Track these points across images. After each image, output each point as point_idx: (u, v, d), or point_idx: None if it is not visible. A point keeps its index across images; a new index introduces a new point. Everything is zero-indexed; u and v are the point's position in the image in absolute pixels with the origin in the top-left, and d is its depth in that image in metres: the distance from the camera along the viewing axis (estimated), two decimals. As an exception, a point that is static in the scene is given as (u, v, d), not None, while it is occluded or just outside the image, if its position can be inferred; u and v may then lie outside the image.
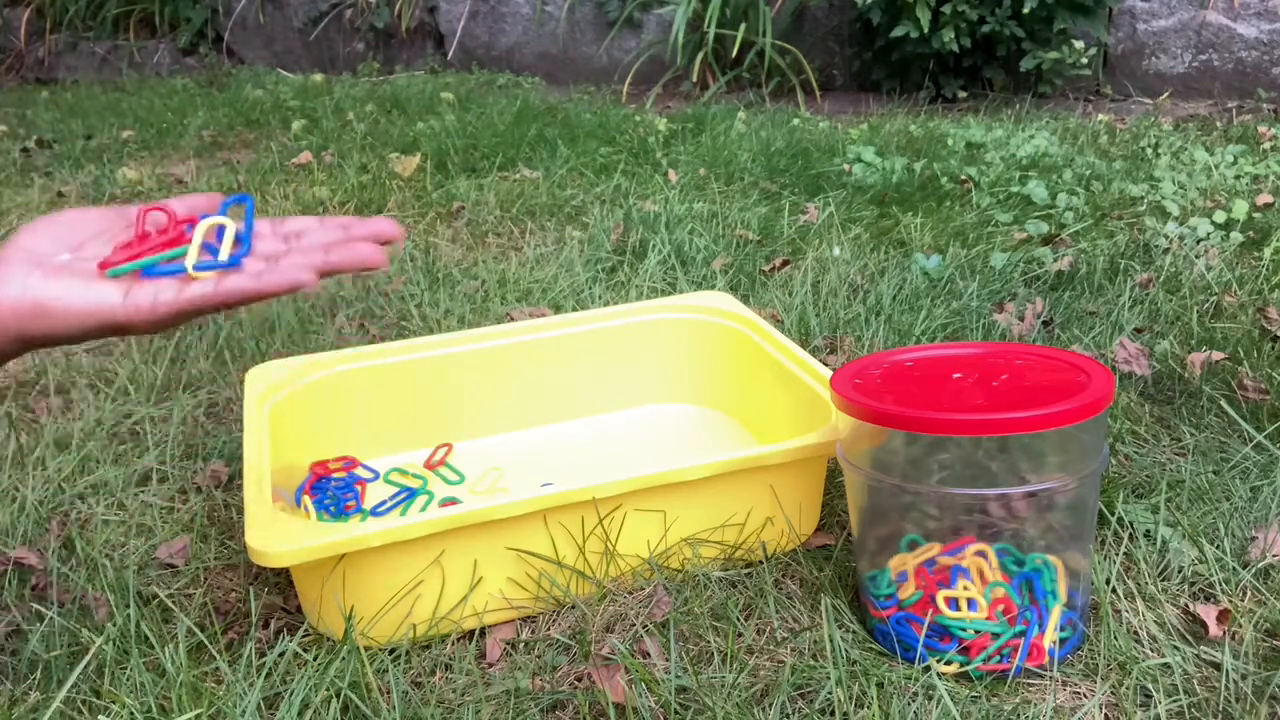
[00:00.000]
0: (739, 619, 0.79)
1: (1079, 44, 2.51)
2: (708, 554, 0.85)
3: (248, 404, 0.93)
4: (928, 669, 0.73)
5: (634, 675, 0.73)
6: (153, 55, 3.56)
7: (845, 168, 2.01)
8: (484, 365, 1.07)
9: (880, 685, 0.71)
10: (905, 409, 0.70)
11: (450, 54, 3.31)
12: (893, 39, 2.53)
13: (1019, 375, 0.75)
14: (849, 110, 2.67)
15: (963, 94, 2.67)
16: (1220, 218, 1.64)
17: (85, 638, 0.78)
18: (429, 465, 1.04)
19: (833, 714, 0.70)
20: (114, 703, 0.71)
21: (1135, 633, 0.77)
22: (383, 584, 0.76)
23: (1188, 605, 0.79)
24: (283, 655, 0.75)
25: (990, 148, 2.14)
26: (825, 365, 0.96)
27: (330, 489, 0.98)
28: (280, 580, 0.87)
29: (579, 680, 0.74)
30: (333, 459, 1.01)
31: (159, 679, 0.73)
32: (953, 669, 0.73)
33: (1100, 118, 2.41)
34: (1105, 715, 0.70)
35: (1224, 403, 1.08)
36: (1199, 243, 1.57)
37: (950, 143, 2.18)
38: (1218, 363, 1.17)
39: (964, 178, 1.93)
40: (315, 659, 0.75)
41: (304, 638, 0.78)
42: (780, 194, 1.88)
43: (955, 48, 2.46)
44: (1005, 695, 0.71)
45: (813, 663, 0.74)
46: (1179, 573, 0.83)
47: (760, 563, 0.86)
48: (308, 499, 0.94)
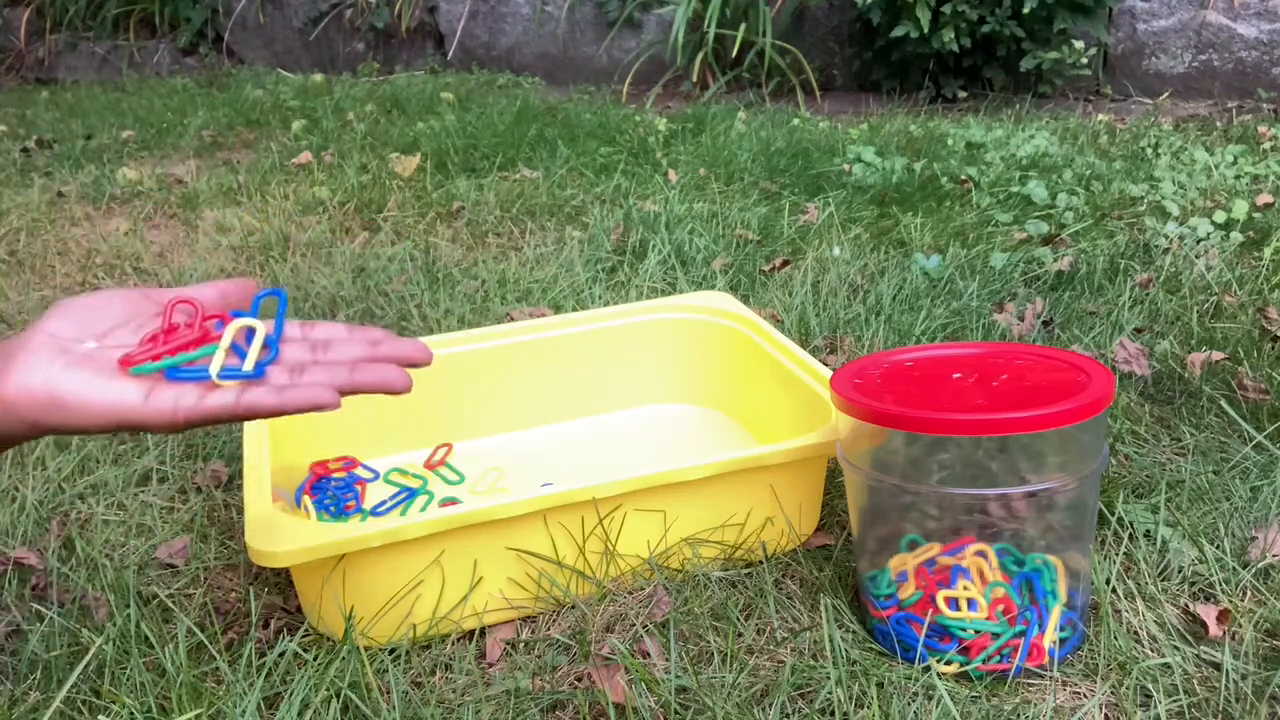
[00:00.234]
0: (739, 619, 0.79)
1: (1079, 44, 2.51)
2: (708, 554, 0.85)
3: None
4: (928, 669, 0.73)
5: (634, 675, 0.73)
6: (153, 55, 3.56)
7: (845, 168, 2.01)
8: (484, 365, 1.07)
9: (880, 685, 0.71)
10: (905, 409, 0.70)
11: (450, 54, 3.32)
12: (893, 39, 2.53)
13: (1019, 375, 0.75)
14: (849, 110, 2.67)
15: (963, 94, 2.67)
16: (1220, 218, 1.64)
17: (85, 638, 0.78)
18: (429, 465, 1.04)
19: (833, 714, 0.70)
20: (114, 703, 0.71)
21: (1135, 633, 0.77)
22: (383, 584, 0.76)
23: (1188, 605, 0.79)
24: (283, 655, 0.75)
25: (990, 148, 2.14)
26: (825, 365, 0.96)
27: (330, 489, 0.98)
28: (280, 580, 0.87)
29: (579, 680, 0.74)
30: (333, 459, 1.02)
31: (159, 679, 0.73)
32: (953, 669, 0.73)
33: (1100, 118, 2.40)
34: (1105, 715, 0.70)
35: (1224, 403, 1.08)
36: (1199, 243, 1.57)
37: (950, 143, 2.18)
38: (1218, 363, 1.17)
39: (964, 178, 1.93)
40: (315, 659, 0.75)
41: (304, 638, 0.78)
42: (780, 194, 1.88)
43: (955, 48, 2.46)
44: (1005, 695, 0.71)
45: (813, 663, 0.74)
46: (1179, 573, 0.83)
47: (760, 563, 0.86)
48: (308, 499, 0.95)
